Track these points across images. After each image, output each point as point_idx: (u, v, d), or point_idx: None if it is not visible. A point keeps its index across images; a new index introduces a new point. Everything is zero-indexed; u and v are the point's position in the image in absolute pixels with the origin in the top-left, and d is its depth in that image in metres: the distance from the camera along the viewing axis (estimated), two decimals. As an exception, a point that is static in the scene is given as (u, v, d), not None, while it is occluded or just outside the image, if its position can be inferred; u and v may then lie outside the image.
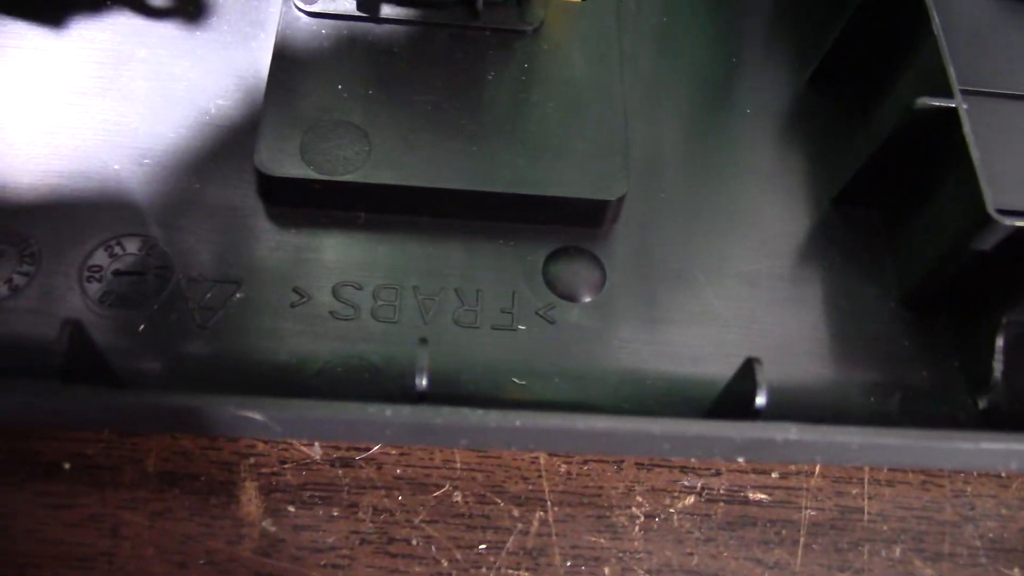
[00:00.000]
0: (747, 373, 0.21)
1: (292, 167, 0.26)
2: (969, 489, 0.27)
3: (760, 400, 0.21)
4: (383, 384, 0.25)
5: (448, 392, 0.25)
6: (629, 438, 0.21)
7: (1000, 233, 0.24)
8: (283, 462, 0.25)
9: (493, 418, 0.20)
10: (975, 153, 0.24)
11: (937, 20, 0.27)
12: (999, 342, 0.25)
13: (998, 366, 0.25)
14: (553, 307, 0.27)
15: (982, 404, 0.26)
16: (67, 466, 0.25)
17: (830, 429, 0.21)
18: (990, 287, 0.25)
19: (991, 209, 0.24)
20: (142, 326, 0.25)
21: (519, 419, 0.20)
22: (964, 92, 0.27)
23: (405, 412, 0.20)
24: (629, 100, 0.30)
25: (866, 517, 0.26)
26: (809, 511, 0.26)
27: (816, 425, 0.21)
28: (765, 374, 0.21)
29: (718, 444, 0.21)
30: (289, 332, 0.26)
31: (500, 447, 0.25)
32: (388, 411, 0.20)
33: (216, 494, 0.25)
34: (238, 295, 0.26)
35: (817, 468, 0.27)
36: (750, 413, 0.21)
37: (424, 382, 0.21)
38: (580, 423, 0.21)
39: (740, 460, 0.25)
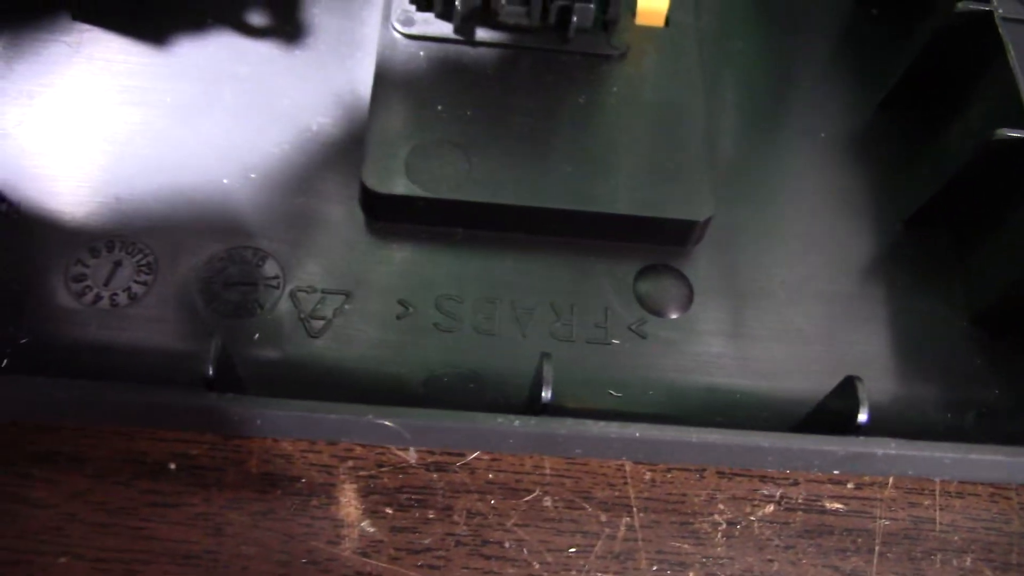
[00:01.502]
0: (847, 389, 0.23)
1: (398, 184, 0.28)
2: None
3: (863, 416, 0.22)
4: (486, 394, 0.26)
5: (549, 403, 0.26)
6: (738, 450, 0.22)
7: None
8: (380, 466, 0.26)
9: (613, 430, 0.21)
10: (1054, 183, 0.26)
11: (1013, 52, 0.28)
12: (1071, 363, 0.26)
13: (1069, 386, 0.26)
14: (644, 322, 0.28)
15: (1053, 422, 0.27)
16: (172, 466, 0.26)
17: (924, 444, 0.22)
18: (1063, 311, 0.27)
19: (1071, 237, 0.25)
20: (256, 335, 0.26)
21: (638, 431, 0.22)
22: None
23: (532, 423, 0.21)
24: (709, 123, 0.31)
25: (938, 527, 0.27)
26: (883, 521, 0.27)
27: (912, 440, 0.22)
28: (868, 391, 0.22)
29: (818, 457, 0.22)
30: (395, 342, 0.27)
31: (613, 457, 0.26)
32: (516, 422, 0.21)
33: (316, 495, 0.26)
34: (346, 306, 0.27)
35: (891, 480, 0.28)
36: (852, 428, 0.22)
37: (549, 395, 0.22)
38: (693, 436, 0.22)
39: (835, 472, 0.26)
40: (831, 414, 0.24)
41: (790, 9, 0.36)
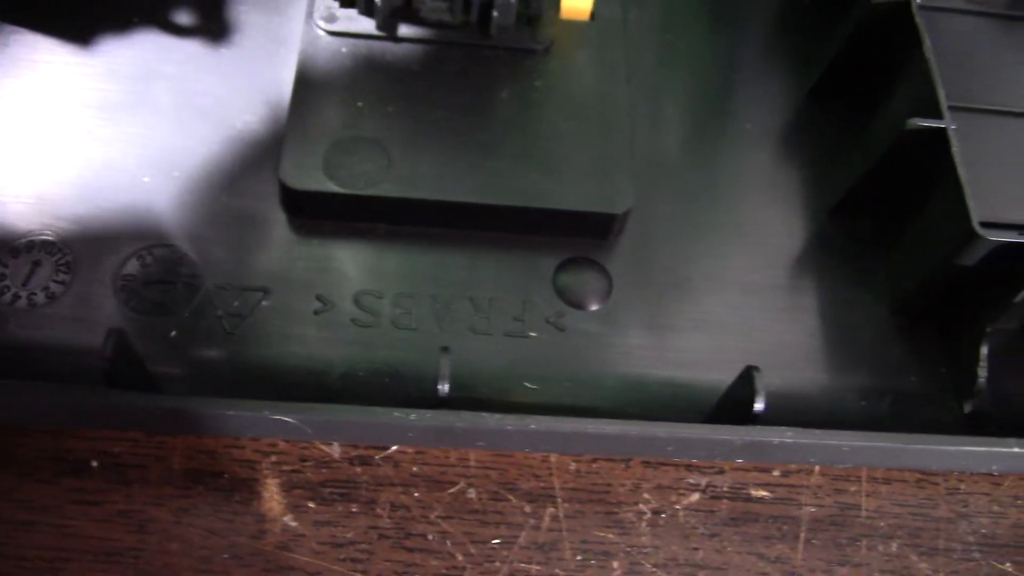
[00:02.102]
0: (746, 380, 0.23)
1: (315, 181, 0.28)
2: (963, 487, 0.28)
3: (758, 405, 0.22)
4: (403, 388, 0.26)
5: (464, 396, 0.26)
6: (636, 441, 0.23)
7: (984, 248, 0.25)
8: (303, 460, 0.27)
9: (510, 422, 0.22)
10: (962, 172, 0.26)
11: (928, 43, 0.28)
12: (984, 350, 0.27)
13: (983, 372, 0.27)
14: (563, 315, 0.28)
15: (967, 408, 0.27)
16: (95, 464, 0.26)
17: (824, 433, 0.22)
18: (975, 298, 0.27)
19: (976, 226, 0.25)
20: (173, 332, 0.27)
21: (533, 423, 0.22)
22: (955, 109, 0.28)
23: (428, 416, 0.21)
24: (635, 115, 0.31)
25: (864, 514, 0.28)
26: (809, 508, 0.28)
27: (810, 429, 0.23)
28: (763, 380, 0.23)
29: (718, 446, 0.23)
30: (313, 338, 0.27)
31: (515, 449, 0.27)
32: (412, 415, 0.22)
33: (239, 491, 0.26)
34: (264, 303, 0.27)
35: (816, 467, 0.28)
36: (749, 417, 0.22)
37: (446, 388, 0.23)
38: (590, 427, 0.22)
39: (739, 461, 0.26)
40: (733, 404, 0.24)
41: (722, 0, 0.36)
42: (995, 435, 0.25)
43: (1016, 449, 0.24)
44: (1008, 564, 0.27)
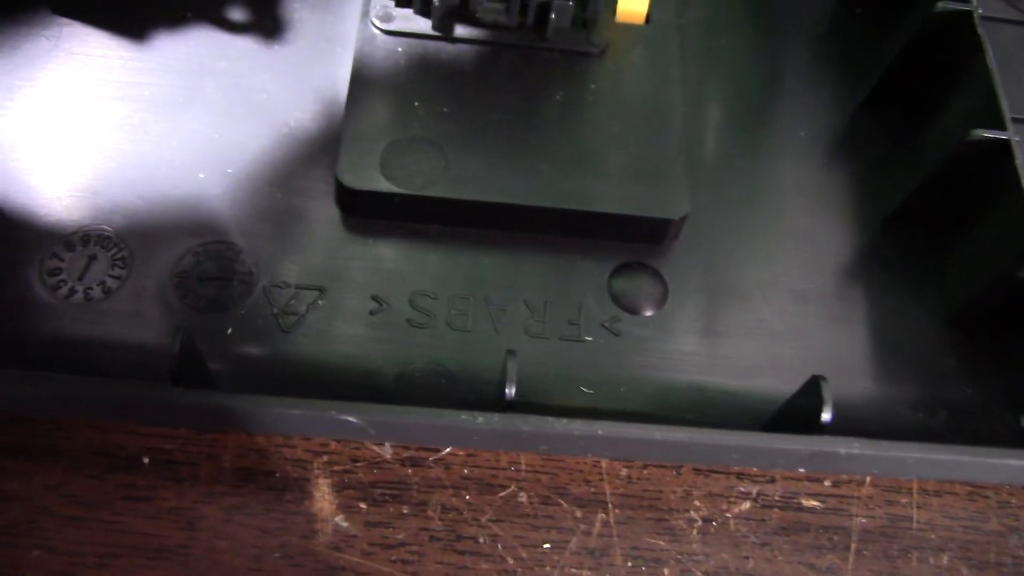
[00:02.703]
0: (812, 389, 0.23)
1: (373, 181, 0.28)
2: (1014, 501, 0.28)
3: (826, 416, 0.22)
4: (458, 390, 0.26)
5: (521, 399, 0.26)
6: (702, 448, 0.22)
7: (1049, 262, 0.25)
8: (355, 460, 0.27)
9: (577, 427, 0.22)
10: (1027, 185, 0.26)
11: (991, 53, 0.28)
12: (1041, 364, 0.27)
13: (1038, 386, 0.27)
14: (618, 320, 0.28)
15: (1023, 421, 0.27)
16: (146, 460, 0.26)
17: (889, 445, 0.22)
18: (1035, 311, 0.27)
19: (1043, 239, 0.25)
20: (230, 330, 0.27)
21: (600, 428, 0.22)
22: (1016, 120, 0.28)
23: (495, 420, 0.21)
24: (689, 120, 0.31)
25: (915, 526, 0.27)
26: (860, 519, 0.27)
27: (876, 440, 0.22)
28: (831, 391, 0.23)
29: (783, 456, 0.23)
30: (368, 338, 0.27)
31: (578, 453, 0.26)
32: (480, 418, 0.21)
33: (290, 490, 0.26)
34: (320, 301, 0.27)
35: (868, 478, 0.28)
36: (816, 427, 0.22)
37: (512, 392, 0.22)
38: (657, 434, 0.22)
39: (801, 471, 0.26)
40: (797, 412, 0.24)
41: (775, 7, 0.36)
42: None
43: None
44: None
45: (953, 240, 0.29)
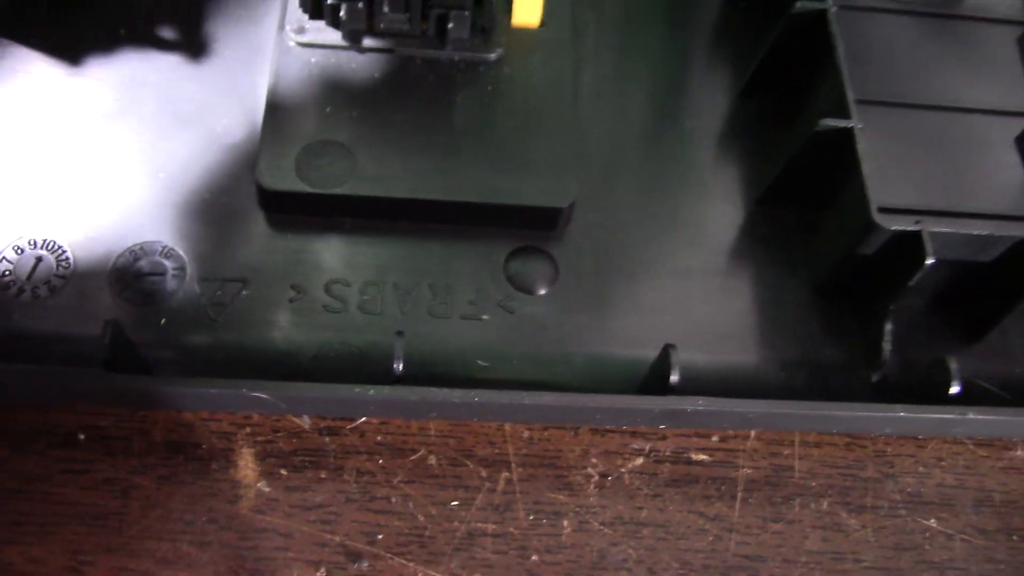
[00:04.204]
0: (664, 356, 0.26)
1: (288, 182, 0.31)
2: (889, 450, 0.31)
3: (674, 378, 0.26)
4: (369, 367, 0.29)
5: (425, 373, 0.29)
6: (569, 411, 0.26)
7: (882, 236, 0.28)
8: (276, 431, 0.29)
9: (457, 395, 0.25)
10: (866, 168, 0.29)
11: (841, 48, 0.31)
12: (888, 326, 0.30)
13: (887, 347, 0.30)
14: (512, 299, 0.31)
15: (875, 378, 0.31)
16: (82, 436, 0.28)
17: (728, 401, 0.26)
18: (880, 280, 0.30)
19: (875, 216, 0.28)
20: (163, 320, 0.30)
21: (478, 396, 0.25)
22: (867, 103, 0.31)
23: (385, 391, 0.25)
24: (585, 113, 0.34)
25: (797, 475, 0.30)
26: (746, 470, 0.30)
27: (718, 398, 0.26)
28: (682, 357, 0.26)
29: (640, 415, 0.26)
30: (288, 323, 0.30)
31: (465, 418, 0.29)
32: (371, 391, 0.25)
33: (216, 460, 0.29)
34: (244, 292, 0.30)
35: (752, 432, 0.30)
36: (666, 388, 0.26)
37: (400, 367, 0.26)
38: (527, 399, 0.25)
39: (662, 427, 0.29)
40: (655, 377, 0.27)
41: (665, 4, 0.38)
42: (898, 401, 0.29)
43: (903, 414, 0.27)
44: (932, 520, 0.30)
45: (815, 218, 0.32)
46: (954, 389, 0.27)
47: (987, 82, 0.34)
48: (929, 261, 0.27)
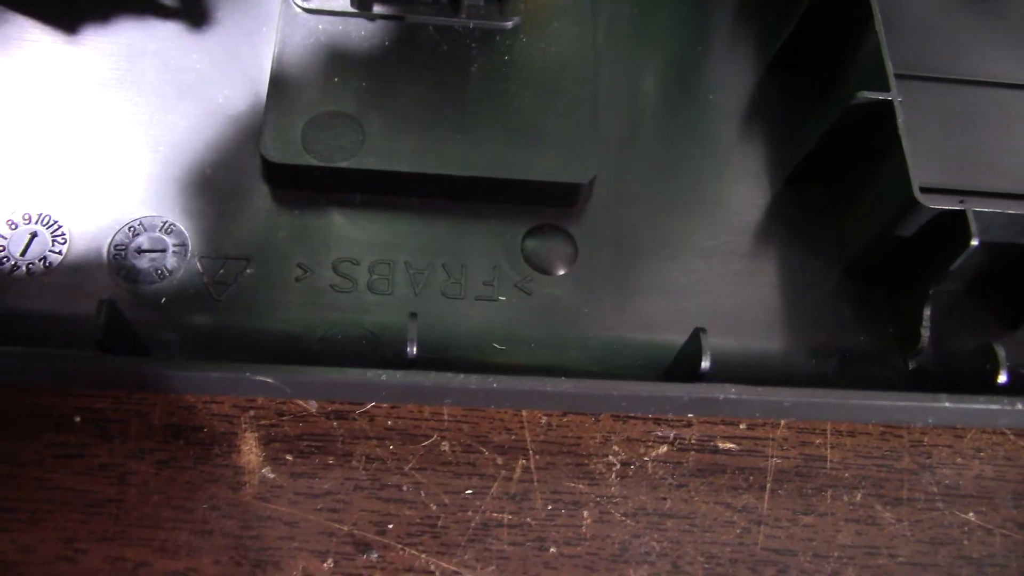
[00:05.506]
0: (694, 340, 0.25)
1: (294, 155, 0.29)
2: (926, 440, 0.29)
3: (705, 364, 0.24)
4: (379, 350, 0.28)
5: (437, 356, 0.28)
6: (592, 398, 0.24)
7: (924, 216, 0.27)
8: (281, 415, 0.28)
9: (473, 381, 0.23)
10: (906, 143, 0.27)
11: (879, 16, 0.30)
12: (927, 311, 0.28)
13: (926, 332, 0.28)
14: (530, 280, 0.30)
15: (912, 366, 0.29)
16: (77, 419, 0.27)
17: (764, 390, 0.24)
18: (919, 262, 0.28)
19: (917, 195, 0.27)
20: (163, 299, 0.28)
21: (496, 382, 0.24)
22: (906, 77, 0.30)
23: (398, 376, 0.23)
24: (603, 88, 0.33)
25: (829, 465, 0.29)
26: (775, 459, 0.29)
27: (751, 386, 0.24)
28: (710, 342, 0.24)
29: (668, 403, 0.24)
30: (294, 303, 0.29)
31: (481, 405, 0.28)
32: (383, 375, 0.23)
33: (218, 444, 0.27)
34: (248, 270, 0.29)
35: (783, 421, 0.29)
36: (697, 375, 0.24)
37: (414, 351, 0.24)
38: (548, 386, 0.24)
39: (690, 416, 0.28)
40: (684, 362, 0.26)
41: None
42: (935, 391, 0.27)
43: (947, 404, 0.25)
44: (971, 514, 0.28)
45: (848, 197, 0.31)
46: (1002, 378, 0.25)
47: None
48: (974, 243, 0.26)
